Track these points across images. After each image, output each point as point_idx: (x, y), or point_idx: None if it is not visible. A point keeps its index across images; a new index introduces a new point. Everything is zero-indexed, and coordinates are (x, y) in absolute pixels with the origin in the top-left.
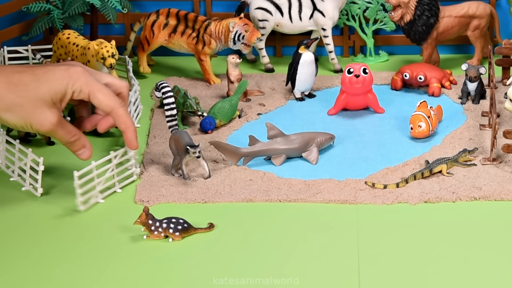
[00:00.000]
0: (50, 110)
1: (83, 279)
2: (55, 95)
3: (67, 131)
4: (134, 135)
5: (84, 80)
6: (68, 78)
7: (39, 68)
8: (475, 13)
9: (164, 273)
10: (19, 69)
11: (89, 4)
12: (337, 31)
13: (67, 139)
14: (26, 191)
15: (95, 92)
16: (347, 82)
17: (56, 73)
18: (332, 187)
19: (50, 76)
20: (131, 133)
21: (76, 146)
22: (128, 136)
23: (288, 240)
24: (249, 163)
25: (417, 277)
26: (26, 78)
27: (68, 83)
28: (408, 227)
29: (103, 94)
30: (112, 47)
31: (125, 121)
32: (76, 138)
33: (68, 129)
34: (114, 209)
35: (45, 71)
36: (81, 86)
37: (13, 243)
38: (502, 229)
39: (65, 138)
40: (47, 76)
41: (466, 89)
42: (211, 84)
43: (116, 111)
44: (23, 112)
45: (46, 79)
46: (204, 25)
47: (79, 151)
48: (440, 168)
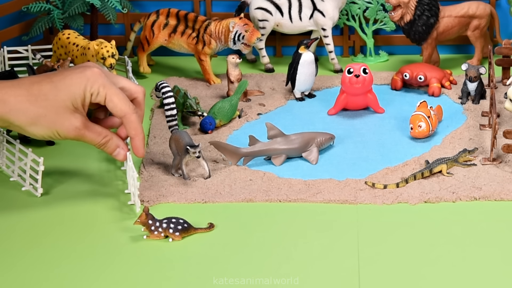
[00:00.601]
0: (73, 115)
1: (83, 279)
2: (75, 99)
3: (97, 133)
4: (142, 142)
5: (101, 83)
6: (86, 81)
7: (56, 75)
8: (475, 13)
9: (164, 273)
10: (37, 79)
11: (89, 4)
12: (337, 31)
13: (98, 141)
14: (26, 191)
15: (111, 95)
16: (347, 82)
17: (73, 77)
18: (332, 187)
19: (67, 81)
20: (140, 140)
21: (109, 148)
22: (137, 143)
23: (288, 240)
24: (249, 163)
25: (417, 277)
26: (45, 87)
27: (86, 86)
28: (408, 227)
29: (119, 98)
30: (112, 47)
31: (135, 128)
32: (107, 139)
33: (97, 131)
34: (114, 209)
35: (62, 77)
36: (98, 88)
37: (13, 243)
38: (502, 229)
39: (95, 140)
40: (64, 82)
41: (466, 89)
42: (211, 84)
43: (129, 117)
44: (47, 122)
45: (64, 85)
46: (204, 25)
47: (114, 152)
48: (440, 168)
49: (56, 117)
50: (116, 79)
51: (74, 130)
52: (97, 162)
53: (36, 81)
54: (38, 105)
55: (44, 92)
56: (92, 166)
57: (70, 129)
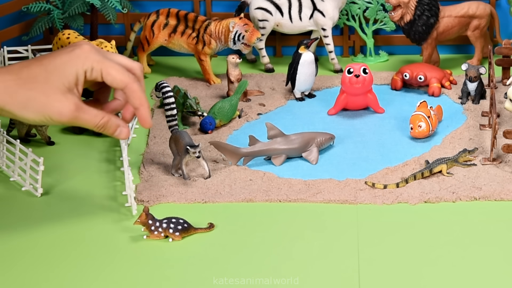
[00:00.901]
0: (65, 97)
1: (83, 279)
2: (67, 80)
3: (93, 115)
4: (149, 112)
5: (94, 58)
6: (76, 58)
7: (46, 57)
8: (475, 13)
9: (164, 273)
10: (26, 63)
11: (89, 4)
12: (337, 31)
13: (95, 123)
14: (26, 191)
15: (108, 68)
16: (347, 82)
17: (64, 57)
18: (332, 187)
19: (57, 62)
20: (145, 109)
21: (110, 128)
22: (143, 113)
23: (288, 240)
24: (249, 163)
25: (417, 277)
26: (34, 70)
27: (77, 64)
28: (408, 227)
29: (116, 70)
30: (112, 47)
31: (139, 97)
32: (106, 119)
33: (93, 113)
34: (114, 209)
35: (52, 58)
36: (92, 64)
37: (13, 243)
38: (502, 229)
39: (92, 122)
40: (54, 63)
41: (466, 89)
42: (211, 84)
43: (131, 86)
44: (38, 105)
45: (54, 66)
46: (204, 25)
47: (116, 132)
48: (440, 168)
49: (46, 100)
50: (110, 55)
51: (67, 112)
52: (97, 162)
53: (26, 65)
54: (27, 87)
55: (34, 75)
56: (92, 166)
57: (63, 112)
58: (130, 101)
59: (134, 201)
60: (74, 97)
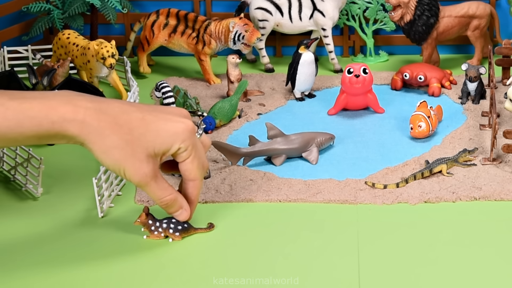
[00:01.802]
0: (147, 161)
1: (83, 279)
2: (160, 147)
3: (162, 187)
4: (194, 210)
5: (193, 142)
6: (181, 133)
7: (149, 112)
8: (475, 13)
9: (164, 273)
10: (127, 109)
11: (89, 4)
12: (337, 31)
13: (162, 197)
14: (26, 191)
15: (195, 157)
16: (347, 82)
17: (168, 124)
18: (332, 187)
19: (160, 125)
20: (194, 208)
21: (172, 208)
22: (192, 208)
23: (288, 240)
24: (249, 163)
25: (417, 277)
26: (134, 122)
27: (177, 140)
28: (408, 227)
29: (198, 163)
30: (112, 47)
31: (196, 195)
32: (172, 197)
33: (163, 186)
34: (114, 209)
35: (156, 119)
36: (188, 146)
37: (13, 243)
38: (502, 229)
39: (157, 194)
40: (156, 125)
41: (466, 89)
42: (211, 84)
43: (197, 184)
44: (120, 156)
45: (156, 129)
46: (204, 25)
47: (176, 213)
48: (440, 168)
49: (131, 155)
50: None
51: (141, 175)
52: (97, 162)
53: (126, 111)
54: (119, 136)
55: (131, 126)
56: (92, 166)
57: (139, 173)
58: (188, 193)
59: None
60: (154, 164)
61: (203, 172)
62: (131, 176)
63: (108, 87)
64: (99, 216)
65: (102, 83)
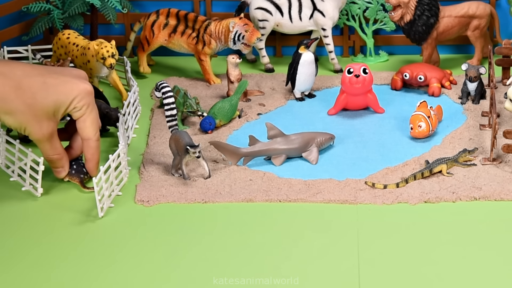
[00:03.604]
0: (47, 123)
1: (83, 279)
2: (59, 108)
3: (53, 147)
4: (96, 166)
5: (88, 101)
6: (77, 93)
7: (50, 75)
8: (475, 13)
9: (164, 273)
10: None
11: (89, 4)
12: (337, 31)
13: (49, 154)
14: (26, 191)
15: (88, 116)
16: (347, 82)
17: (67, 86)
18: (332, 187)
19: (60, 88)
20: (94, 164)
21: (55, 164)
22: (90, 166)
23: (288, 240)
24: (249, 163)
25: (417, 277)
26: (35, 85)
27: (74, 99)
28: (408, 227)
29: (91, 123)
30: (112, 47)
31: (92, 153)
32: (58, 157)
33: (54, 145)
34: (114, 209)
35: (56, 82)
36: (83, 106)
37: (13, 243)
38: (502, 229)
39: (48, 152)
40: (56, 88)
41: (466, 89)
42: (211, 84)
43: (90, 143)
44: (23, 118)
45: (55, 91)
46: (204, 25)
47: (56, 169)
48: (440, 168)
49: (32, 117)
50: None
51: (40, 135)
52: None
53: (28, 75)
54: (22, 100)
55: (34, 90)
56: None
57: (38, 133)
58: (84, 152)
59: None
60: (54, 125)
61: (96, 132)
62: (30, 134)
63: (108, 87)
64: (99, 216)
65: (102, 83)
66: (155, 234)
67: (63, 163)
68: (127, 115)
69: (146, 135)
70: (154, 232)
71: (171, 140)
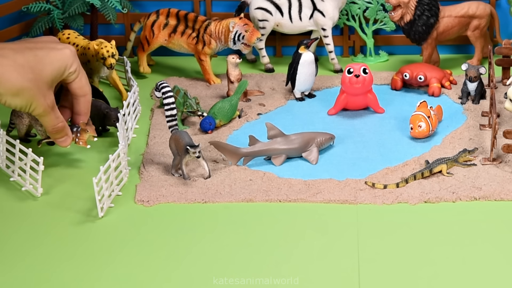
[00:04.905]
0: (49, 92)
1: (83, 279)
2: (55, 76)
3: (57, 116)
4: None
5: (78, 62)
6: (67, 59)
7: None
8: (475, 13)
9: (164, 273)
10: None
11: (89, 4)
12: (337, 31)
13: (55, 123)
14: (26, 191)
15: (83, 75)
16: (347, 82)
17: (57, 53)
18: (332, 187)
19: (51, 57)
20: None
21: (60, 134)
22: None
23: (288, 240)
24: (249, 163)
25: (417, 277)
26: (30, 59)
27: (67, 64)
28: (408, 227)
29: (86, 79)
30: (112, 47)
31: (88, 107)
32: (63, 125)
33: (57, 114)
34: (114, 209)
35: (45, 52)
36: (76, 67)
37: (13, 243)
38: (502, 229)
39: (54, 122)
40: (48, 57)
41: (466, 89)
42: (211, 84)
43: (88, 98)
44: (29, 94)
45: (49, 61)
46: (204, 25)
47: (62, 138)
48: (440, 168)
49: (37, 92)
50: None
51: (45, 107)
52: (97, 162)
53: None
54: (25, 78)
55: (30, 64)
56: (92, 166)
57: (43, 105)
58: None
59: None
60: (52, 94)
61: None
62: (36, 108)
63: (108, 87)
64: (99, 216)
65: (102, 83)
66: (155, 234)
67: (67, 130)
68: (127, 115)
69: (146, 135)
70: (154, 232)
71: (171, 140)
